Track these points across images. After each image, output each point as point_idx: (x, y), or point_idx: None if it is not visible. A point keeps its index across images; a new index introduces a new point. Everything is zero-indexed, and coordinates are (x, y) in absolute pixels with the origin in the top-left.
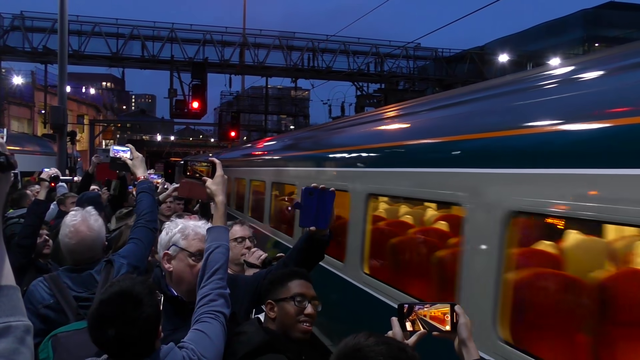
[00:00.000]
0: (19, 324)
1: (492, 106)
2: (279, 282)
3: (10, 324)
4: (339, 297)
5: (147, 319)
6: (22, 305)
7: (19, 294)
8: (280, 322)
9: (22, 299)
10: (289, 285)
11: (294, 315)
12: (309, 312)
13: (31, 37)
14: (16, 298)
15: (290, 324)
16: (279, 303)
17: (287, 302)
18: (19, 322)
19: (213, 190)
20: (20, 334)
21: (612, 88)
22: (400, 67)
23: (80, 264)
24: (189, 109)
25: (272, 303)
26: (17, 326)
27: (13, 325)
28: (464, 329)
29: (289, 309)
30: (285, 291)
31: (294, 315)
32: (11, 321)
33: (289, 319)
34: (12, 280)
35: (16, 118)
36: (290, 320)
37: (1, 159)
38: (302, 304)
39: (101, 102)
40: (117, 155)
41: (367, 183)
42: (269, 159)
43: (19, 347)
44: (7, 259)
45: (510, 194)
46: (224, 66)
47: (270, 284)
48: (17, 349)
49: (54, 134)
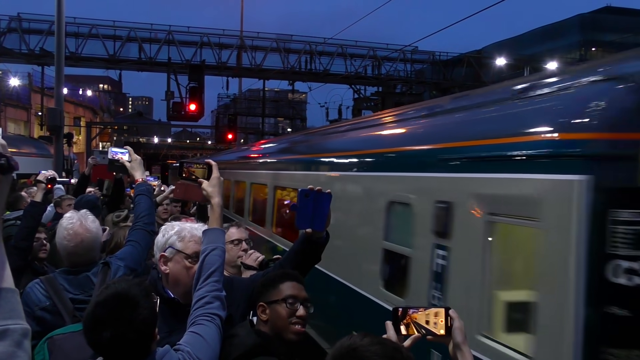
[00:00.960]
0: (16, 327)
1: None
2: (271, 284)
3: (8, 327)
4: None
5: (143, 321)
6: (20, 309)
7: (17, 297)
8: (273, 324)
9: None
10: (280, 287)
11: (285, 317)
12: (300, 314)
13: (28, 39)
14: (15, 301)
15: (283, 326)
16: (271, 305)
17: (278, 305)
18: (17, 326)
19: (209, 192)
20: (18, 337)
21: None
22: (398, 71)
23: (78, 266)
24: (186, 111)
25: (264, 305)
26: (14, 329)
27: (11, 328)
28: (459, 333)
29: (280, 311)
30: (276, 293)
31: (285, 317)
32: (9, 324)
33: (281, 321)
34: (12, 283)
35: (13, 120)
36: (282, 322)
37: (2, 161)
38: (294, 305)
39: (98, 105)
40: (115, 157)
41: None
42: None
43: (16, 351)
44: (7, 262)
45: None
46: (221, 69)
47: (261, 286)
48: (14, 353)
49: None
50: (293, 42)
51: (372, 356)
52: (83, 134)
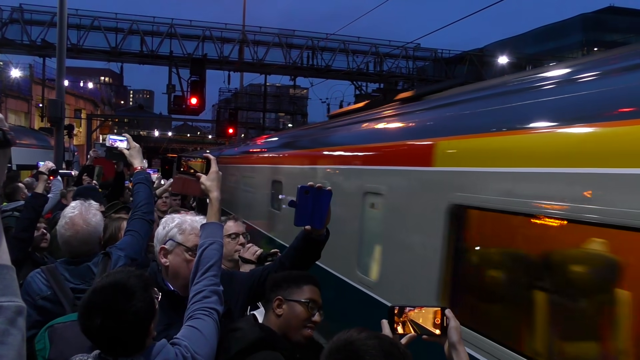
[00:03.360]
0: (10, 305)
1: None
2: (294, 282)
3: (1, 305)
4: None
5: (137, 312)
6: (15, 286)
7: (13, 274)
8: (286, 322)
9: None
10: (303, 288)
11: (303, 318)
12: (316, 320)
13: (30, 30)
14: (9, 278)
15: (297, 326)
16: (290, 303)
17: (300, 304)
18: (10, 303)
19: (208, 186)
20: (11, 315)
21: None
22: (400, 67)
23: (77, 257)
24: (187, 105)
25: (281, 300)
26: (7, 307)
27: (4, 305)
28: (454, 333)
29: (299, 312)
30: (299, 293)
31: (303, 318)
32: (2, 301)
33: (297, 321)
34: (8, 260)
35: (13, 111)
36: (297, 322)
37: None
38: (313, 310)
39: (99, 97)
40: (113, 144)
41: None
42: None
43: (9, 329)
44: (4, 239)
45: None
46: (223, 63)
47: (284, 280)
48: (7, 331)
49: (51, 127)
50: (295, 37)
51: (369, 350)
52: (84, 127)
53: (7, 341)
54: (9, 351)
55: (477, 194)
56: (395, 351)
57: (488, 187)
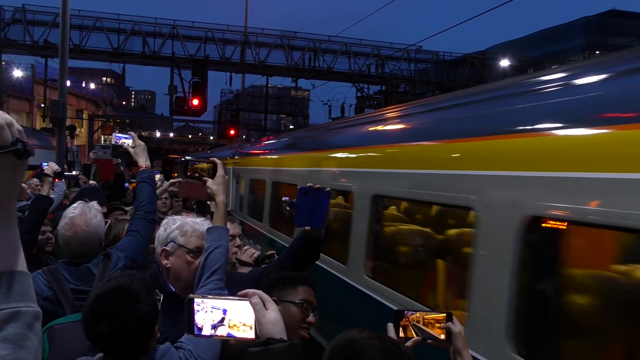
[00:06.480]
0: (28, 310)
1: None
2: (289, 283)
3: (20, 309)
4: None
5: (142, 316)
6: (32, 292)
7: (30, 280)
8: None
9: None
10: (298, 289)
11: (297, 319)
12: (311, 321)
13: (32, 31)
14: (27, 284)
15: (292, 327)
16: (285, 304)
17: (294, 305)
18: (29, 308)
19: (214, 190)
20: (29, 319)
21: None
22: (401, 70)
23: (77, 257)
24: (189, 106)
25: (276, 301)
26: (26, 312)
27: (23, 310)
28: (459, 339)
29: (294, 312)
30: (294, 293)
31: (297, 319)
32: (21, 307)
33: (292, 322)
34: (25, 266)
35: (15, 111)
36: (292, 323)
37: (19, 146)
38: (307, 311)
39: (101, 98)
40: (119, 142)
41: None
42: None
43: (27, 333)
44: (21, 246)
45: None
46: (224, 64)
47: (279, 281)
48: (26, 335)
49: (53, 127)
50: (297, 39)
51: (370, 349)
52: (85, 127)
53: (26, 345)
54: (28, 355)
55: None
56: (396, 351)
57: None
